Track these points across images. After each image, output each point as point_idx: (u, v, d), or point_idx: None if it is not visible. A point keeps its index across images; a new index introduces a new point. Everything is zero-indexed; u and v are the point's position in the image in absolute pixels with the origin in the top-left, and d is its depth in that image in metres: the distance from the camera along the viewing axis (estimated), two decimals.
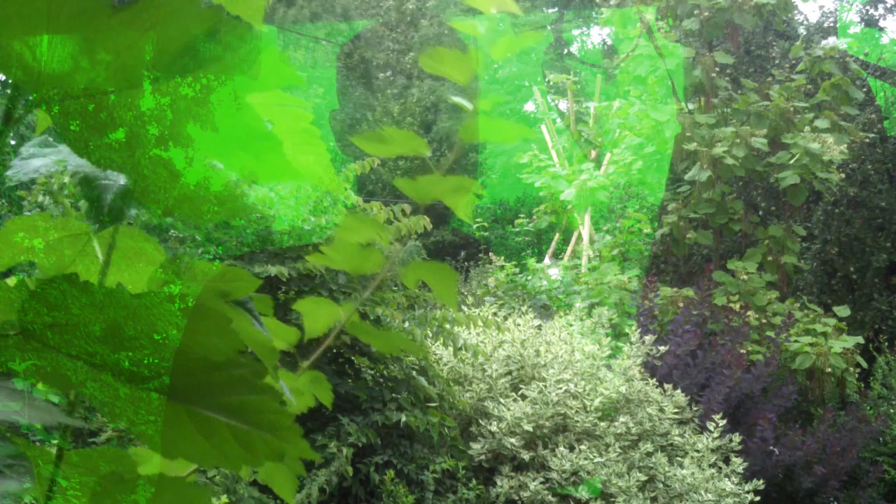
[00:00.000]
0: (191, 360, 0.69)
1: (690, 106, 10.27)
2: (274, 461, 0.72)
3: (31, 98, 0.71)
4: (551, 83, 16.18)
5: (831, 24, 17.70)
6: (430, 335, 6.06)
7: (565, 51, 24.73)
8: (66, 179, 5.14)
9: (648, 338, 6.77)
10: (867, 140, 10.62)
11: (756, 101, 9.73)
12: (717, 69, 10.24)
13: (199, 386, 0.70)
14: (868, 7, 17.59)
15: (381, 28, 23.73)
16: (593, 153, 12.18)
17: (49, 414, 0.73)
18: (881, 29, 18.04)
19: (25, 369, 0.69)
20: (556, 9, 24.57)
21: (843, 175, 9.84)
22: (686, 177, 9.68)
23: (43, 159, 0.93)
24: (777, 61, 12.70)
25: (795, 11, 17.99)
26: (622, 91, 11.23)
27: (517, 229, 14.37)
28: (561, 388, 6.05)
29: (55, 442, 0.84)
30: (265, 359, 0.94)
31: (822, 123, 9.56)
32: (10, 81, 0.70)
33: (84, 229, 1.04)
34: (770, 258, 9.52)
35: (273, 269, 5.24)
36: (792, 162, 9.19)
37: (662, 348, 7.01)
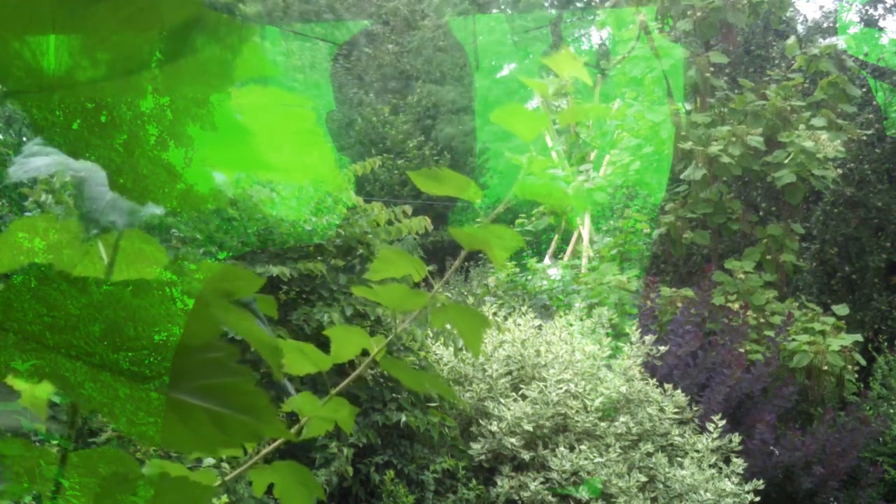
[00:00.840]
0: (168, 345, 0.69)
1: (688, 106, 10.28)
2: (251, 442, 0.71)
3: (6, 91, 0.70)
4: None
5: (831, 24, 17.71)
6: (431, 335, 6.06)
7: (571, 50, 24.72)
8: (68, 177, 5.13)
9: (648, 338, 6.77)
10: (864, 139, 10.63)
11: (753, 100, 9.74)
12: (713, 69, 10.24)
13: (176, 371, 0.69)
14: (868, 7, 17.59)
15: (380, 29, 23.72)
16: (592, 154, 12.19)
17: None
18: (881, 29, 18.03)
19: (27, 370, 0.69)
20: (556, 9, 24.58)
21: (839, 172, 9.85)
22: (682, 176, 9.70)
23: (45, 158, 0.92)
24: (776, 61, 12.70)
25: (796, 12, 18.00)
26: (618, 92, 11.25)
27: (517, 229, 14.37)
28: (561, 388, 6.05)
29: (55, 443, 0.84)
30: (270, 358, 0.93)
31: (818, 122, 9.58)
32: None
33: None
34: (769, 257, 9.53)
35: (275, 270, 5.24)
36: (788, 161, 9.21)
37: (663, 348, 7.01)
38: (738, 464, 6.15)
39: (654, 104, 10.35)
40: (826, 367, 8.24)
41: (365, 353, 1.25)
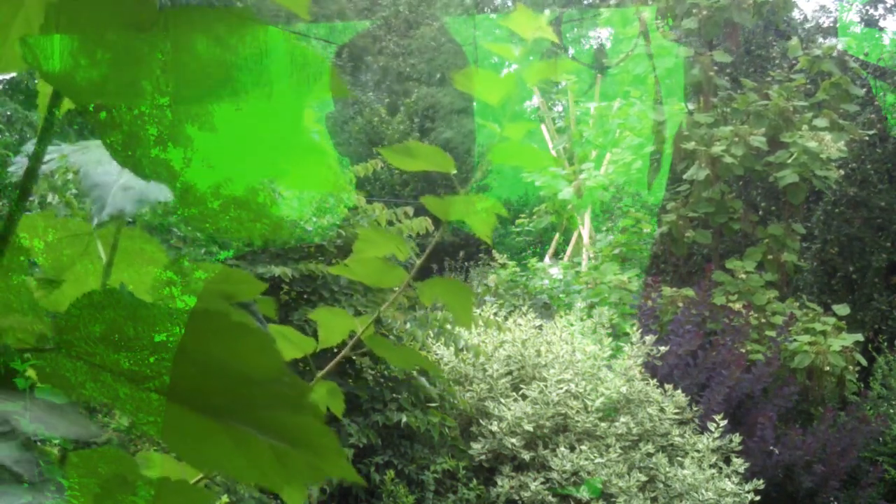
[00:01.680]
0: (229, 376, 0.67)
1: (690, 106, 10.28)
2: (316, 481, 0.69)
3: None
4: (551, 83, 16.17)
5: (831, 24, 17.70)
6: (432, 336, 6.06)
7: (570, 52, 24.75)
8: (70, 176, 5.13)
9: (649, 338, 6.77)
10: (867, 139, 10.62)
11: (755, 100, 9.74)
12: (716, 68, 10.24)
13: (238, 402, 0.68)
14: (868, 7, 17.58)
15: (381, 30, 23.71)
16: (593, 153, 12.18)
17: (60, 419, 0.72)
18: (881, 29, 18.01)
19: (26, 370, 0.69)
20: (556, 8, 24.57)
21: (841, 172, 9.83)
22: (685, 176, 9.69)
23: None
24: (777, 61, 12.70)
25: (796, 11, 17.98)
26: (621, 91, 11.24)
27: (518, 229, 14.37)
28: (561, 388, 6.05)
29: (56, 442, 0.84)
30: None
31: (820, 122, 9.57)
32: (50, 90, 0.70)
33: (87, 229, 1.03)
34: (770, 257, 9.52)
35: (277, 270, 5.24)
36: (790, 161, 9.21)
37: (663, 348, 7.00)
38: (739, 464, 6.15)
39: (656, 103, 10.35)
40: (828, 368, 8.23)
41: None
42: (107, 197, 0.84)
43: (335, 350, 1.27)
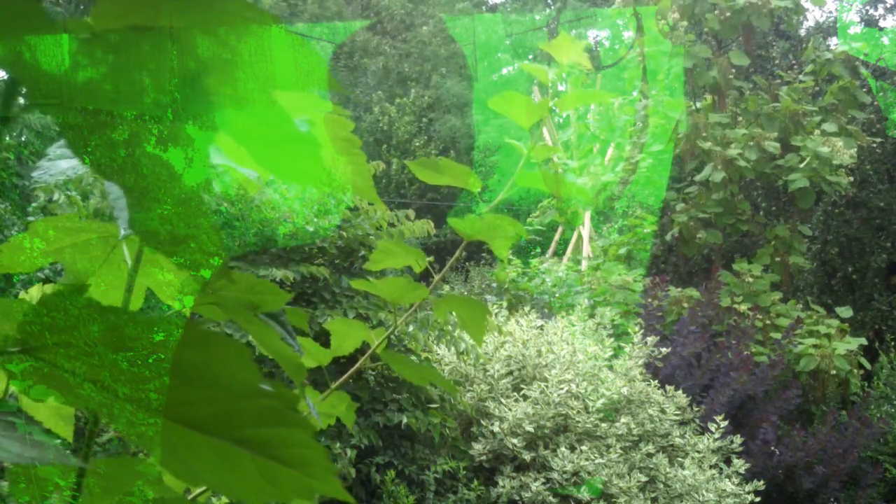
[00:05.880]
0: (213, 387, 0.65)
1: (699, 105, 10.28)
2: (304, 499, 0.65)
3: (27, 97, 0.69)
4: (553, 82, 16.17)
5: (831, 25, 17.69)
6: (433, 338, 6.06)
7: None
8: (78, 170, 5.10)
9: (651, 339, 6.76)
10: (873, 143, 10.62)
11: (766, 101, 9.74)
12: (734, 70, 10.25)
13: (222, 415, 0.65)
14: (868, 7, 17.57)
15: (378, 29, 23.71)
16: (595, 148, 12.17)
17: (46, 451, 0.71)
18: (881, 29, 18.00)
19: (23, 371, 0.69)
20: (552, 8, 24.58)
21: (851, 179, 9.81)
22: (698, 177, 9.67)
23: (70, 160, 0.90)
24: (777, 61, 12.68)
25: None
26: (632, 86, 11.22)
27: (529, 227, 14.34)
28: (563, 389, 6.05)
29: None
30: (293, 375, 0.91)
31: (829, 127, 9.56)
32: (5, 78, 0.69)
33: (112, 232, 1.01)
34: (777, 259, 9.52)
35: (279, 273, 5.23)
36: (802, 165, 9.19)
37: (665, 350, 6.99)
38: (739, 464, 6.14)
39: (639, 100, 10.34)
40: (833, 371, 8.22)
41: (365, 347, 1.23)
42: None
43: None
